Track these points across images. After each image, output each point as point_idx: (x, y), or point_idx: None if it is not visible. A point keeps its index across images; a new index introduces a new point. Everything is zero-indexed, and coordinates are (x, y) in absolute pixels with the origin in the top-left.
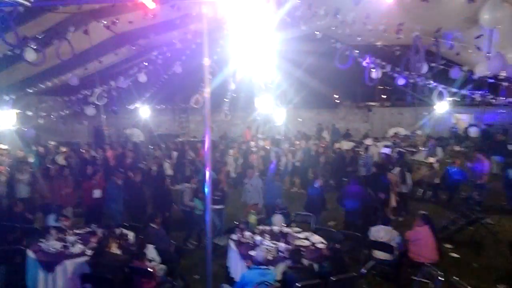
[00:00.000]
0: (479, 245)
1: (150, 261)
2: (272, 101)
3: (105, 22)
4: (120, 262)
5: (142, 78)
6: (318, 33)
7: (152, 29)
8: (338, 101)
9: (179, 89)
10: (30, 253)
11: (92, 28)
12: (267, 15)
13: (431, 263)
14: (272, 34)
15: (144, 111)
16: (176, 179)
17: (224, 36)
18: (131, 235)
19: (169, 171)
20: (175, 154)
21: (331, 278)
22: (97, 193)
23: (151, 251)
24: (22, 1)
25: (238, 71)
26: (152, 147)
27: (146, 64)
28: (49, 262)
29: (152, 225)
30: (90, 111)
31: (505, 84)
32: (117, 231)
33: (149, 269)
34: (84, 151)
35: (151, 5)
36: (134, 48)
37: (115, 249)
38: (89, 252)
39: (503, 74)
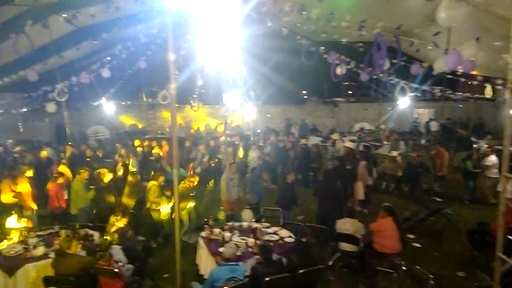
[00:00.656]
0: (440, 235)
1: (117, 261)
2: (240, 97)
3: (65, 15)
4: (84, 263)
5: (106, 73)
6: (284, 29)
7: (116, 23)
8: (306, 97)
9: (145, 85)
10: None
11: (52, 21)
12: (233, 10)
13: (395, 253)
14: (238, 30)
15: (109, 107)
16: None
17: (190, 31)
18: (96, 235)
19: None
20: (140, 150)
21: (299, 271)
22: (65, 194)
23: (117, 251)
24: None
25: (206, 66)
26: (118, 145)
27: (109, 59)
28: (9, 266)
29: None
30: (51, 107)
31: (462, 79)
32: (82, 231)
33: (115, 269)
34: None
35: None
36: (96, 42)
37: (79, 250)
38: (52, 254)
39: (460, 70)
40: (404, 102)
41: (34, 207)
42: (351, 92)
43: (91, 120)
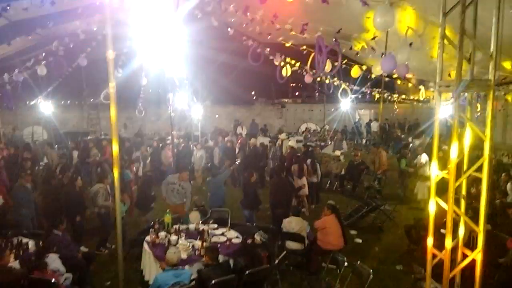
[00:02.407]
0: (380, 230)
1: (54, 271)
2: (187, 97)
3: None
4: (17, 275)
5: (42, 70)
6: (230, 29)
7: (52, 17)
8: (254, 98)
9: (87, 83)
10: None
11: None
12: (174, 7)
13: (338, 249)
14: (183, 29)
15: (46, 107)
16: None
17: (132, 28)
18: (31, 243)
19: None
20: (75, 153)
21: (246, 272)
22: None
23: (54, 259)
24: None
25: (150, 65)
26: (57, 146)
27: (45, 55)
28: None
29: (55, 231)
30: None
31: (398, 82)
32: (14, 240)
33: (51, 279)
34: None
35: None
36: (30, 38)
37: (11, 261)
38: None
39: (395, 73)
40: (346, 103)
41: None
42: (297, 93)
43: (26, 120)
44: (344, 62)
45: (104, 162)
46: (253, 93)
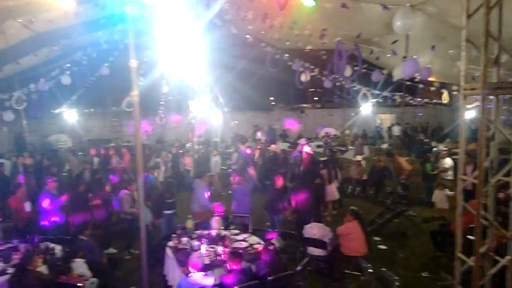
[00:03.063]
0: (404, 236)
1: (80, 275)
2: (207, 104)
3: (20, 21)
4: (45, 280)
5: (66, 80)
6: (248, 36)
7: (75, 28)
8: (273, 104)
9: (109, 91)
10: None
11: (8, 27)
12: (195, 16)
13: (361, 256)
14: (203, 37)
15: (70, 115)
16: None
17: (154, 37)
18: (58, 248)
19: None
20: (96, 160)
21: (268, 278)
22: (28, 206)
23: (80, 264)
24: None
25: (170, 73)
26: (81, 153)
27: (69, 65)
28: None
29: (81, 236)
30: (7, 116)
31: (420, 86)
32: (42, 245)
33: (78, 284)
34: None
35: (68, 4)
36: (55, 48)
37: (40, 265)
38: (10, 270)
39: (417, 76)
40: (366, 107)
41: None
42: (316, 98)
43: (52, 128)
44: (364, 66)
45: (124, 168)
46: (271, 98)
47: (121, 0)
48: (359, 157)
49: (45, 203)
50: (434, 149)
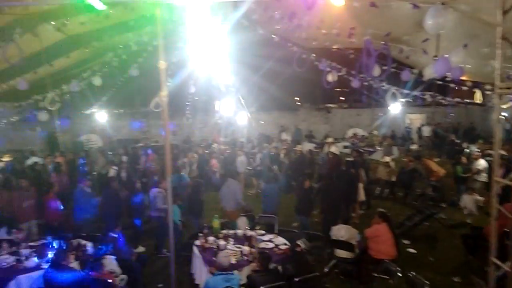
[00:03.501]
0: (434, 239)
1: (111, 272)
2: (233, 104)
3: (54, 24)
4: (77, 276)
5: (97, 81)
6: (275, 36)
7: (106, 30)
8: (299, 104)
9: (138, 92)
10: None
11: (42, 30)
12: (223, 17)
13: (390, 259)
14: (229, 37)
15: (101, 116)
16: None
17: (182, 39)
18: (89, 245)
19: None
20: (124, 158)
21: (295, 279)
22: (60, 204)
23: (110, 261)
24: None
25: (198, 74)
26: (111, 153)
27: (100, 67)
28: (1, 278)
29: (111, 234)
30: (42, 116)
31: (452, 85)
32: (74, 242)
33: (108, 280)
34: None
35: (100, 6)
36: (87, 50)
37: (72, 261)
38: (45, 265)
39: (449, 76)
40: (395, 107)
41: (31, 218)
42: (343, 98)
43: (83, 128)
44: (393, 65)
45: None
46: (297, 98)
47: (151, 3)
48: (387, 158)
49: (79, 201)
50: (465, 150)
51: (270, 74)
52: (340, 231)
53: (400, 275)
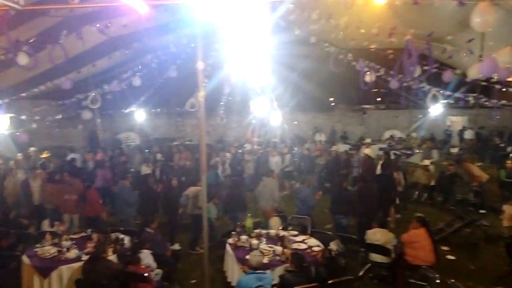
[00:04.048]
0: (475, 247)
1: (146, 266)
2: (267, 104)
3: (98, 26)
4: (114, 269)
5: (137, 81)
6: (312, 37)
7: (146, 32)
8: (334, 104)
9: (174, 92)
10: (25, 259)
11: (85, 32)
12: (261, 18)
13: (428, 265)
14: (266, 38)
15: (139, 114)
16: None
17: (218, 40)
18: (126, 239)
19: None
20: (159, 156)
21: (328, 281)
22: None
23: (146, 255)
24: (12, 4)
25: (233, 74)
26: (147, 151)
27: (140, 67)
28: (44, 268)
29: (147, 229)
30: (86, 114)
31: (497, 87)
32: (113, 235)
33: (144, 274)
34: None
35: (144, 9)
36: (128, 51)
37: (110, 254)
38: (84, 257)
39: (495, 77)
40: (436, 109)
41: (74, 211)
42: (380, 99)
43: (122, 126)
44: (435, 66)
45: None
46: (332, 99)
47: (190, 5)
48: (426, 162)
49: (120, 196)
50: (511, 154)
51: (305, 74)
52: (376, 235)
53: (439, 281)
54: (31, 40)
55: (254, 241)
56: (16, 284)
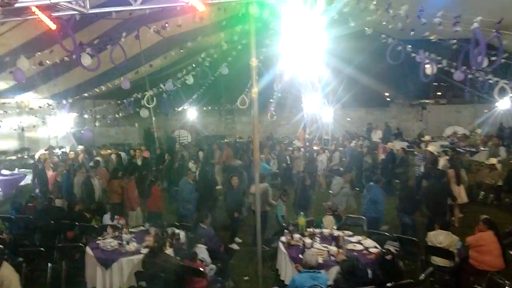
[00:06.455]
0: None
1: (202, 260)
2: (319, 100)
3: (154, 27)
4: (173, 263)
5: (190, 80)
6: (367, 29)
7: (200, 31)
8: (389, 99)
9: (224, 90)
10: (89, 250)
11: (142, 33)
12: (315, 13)
13: (496, 270)
14: (320, 32)
15: (191, 112)
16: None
17: (269, 36)
18: (182, 234)
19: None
20: (201, 154)
21: (387, 284)
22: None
23: (202, 251)
24: (79, 9)
25: (285, 70)
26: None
27: (194, 66)
28: (106, 259)
29: (201, 225)
30: (144, 113)
31: None
32: (169, 230)
33: (200, 268)
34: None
35: (201, 7)
36: (182, 51)
37: (167, 249)
38: (143, 250)
39: None
40: (503, 103)
41: (137, 206)
42: (440, 93)
43: (175, 124)
44: (504, 56)
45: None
46: (387, 94)
47: (244, 1)
48: (493, 160)
49: (183, 192)
50: None
51: (359, 69)
52: (438, 237)
53: None
54: (93, 42)
55: (308, 240)
56: (80, 274)
